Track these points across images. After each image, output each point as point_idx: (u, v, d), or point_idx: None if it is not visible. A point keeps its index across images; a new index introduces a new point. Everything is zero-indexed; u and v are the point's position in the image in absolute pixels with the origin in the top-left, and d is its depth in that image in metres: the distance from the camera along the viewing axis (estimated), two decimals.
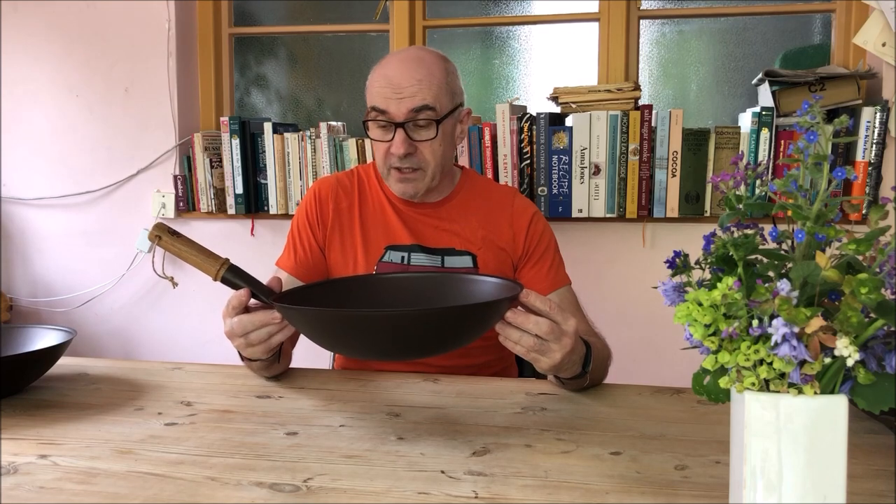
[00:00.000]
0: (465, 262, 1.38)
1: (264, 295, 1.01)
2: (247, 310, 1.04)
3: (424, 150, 1.32)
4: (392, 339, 0.93)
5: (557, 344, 0.98)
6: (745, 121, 2.09)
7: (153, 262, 1.02)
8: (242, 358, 1.16)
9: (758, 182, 0.72)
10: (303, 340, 1.13)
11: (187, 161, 2.38)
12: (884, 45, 2.01)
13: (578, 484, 0.81)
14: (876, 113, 1.99)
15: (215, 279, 1.01)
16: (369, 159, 2.23)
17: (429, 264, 1.37)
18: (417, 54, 1.34)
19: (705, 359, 0.64)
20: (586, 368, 1.08)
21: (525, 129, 2.13)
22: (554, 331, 0.98)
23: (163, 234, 0.99)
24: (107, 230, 2.47)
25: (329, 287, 1.17)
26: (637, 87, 2.13)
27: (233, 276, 1.00)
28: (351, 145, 2.24)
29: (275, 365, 1.18)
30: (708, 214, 2.09)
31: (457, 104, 1.37)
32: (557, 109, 2.18)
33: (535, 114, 2.15)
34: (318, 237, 1.40)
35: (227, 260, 1.00)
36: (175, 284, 1.07)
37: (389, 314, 0.97)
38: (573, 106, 2.13)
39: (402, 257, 1.37)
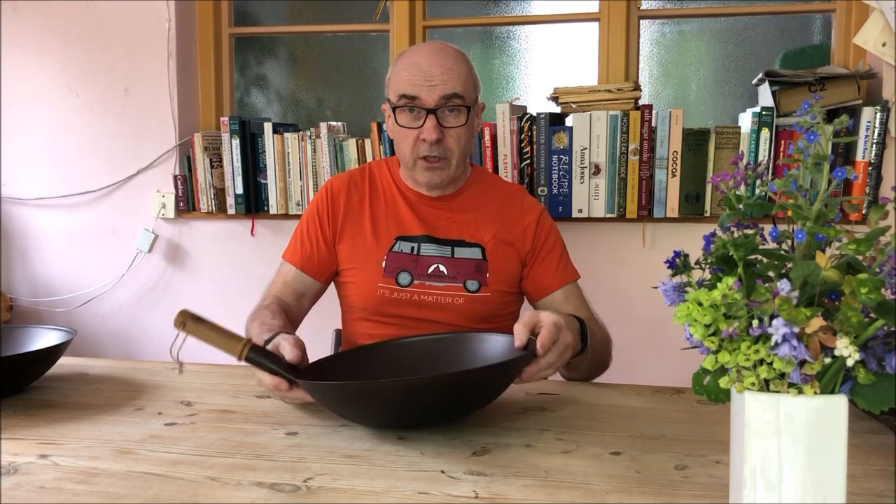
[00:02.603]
0: (475, 253, 1.39)
1: (287, 371, 1.03)
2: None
3: (450, 138, 1.34)
4: (414, 406, 0.95)
5: (562, 344, 1.04)
6: (745, 121, 2.09)
7: (171, 348, 1.04)
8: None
9: (758, 182, 0.72)
10: (306, 334, 1.14)
11: (187, 161, 2.38)
12: (884, 45, 2.01)
13: (578, 484, 0.81)
14: (876, 113, 1.99)
15: (239, 359, 1.03)
16: (369, 159, 2.23)
17: (438, 255, 1.39)
18: (441, 46, 1.37)
19: (705, 359, 0.64)
20: (585, 343, 1.12)
21: (525, 129, 2.13)
22: (557, 342, 1.03)
23: (187, 321, 1.03)
24: (107, 230, 2.47)
25: (349, 357, 1.19)
26: (637, 87, 2.13)
27: (256, 355, 1.03)
28: (351, 145, 2.24)
29: None
30: (708, 214, 2.09)
31: (477, 96, 1.40)
32: (557, 109, 2.18)
33: (535, 114, 2.15)
34: (326, 232, 1.43)
35: (249, 340, 1.04)
36: (181, 371, 1.14)
37: (411, 382, 0.99)
38: (573, 106, 2.13)
39: (412, 247, 1.39)
